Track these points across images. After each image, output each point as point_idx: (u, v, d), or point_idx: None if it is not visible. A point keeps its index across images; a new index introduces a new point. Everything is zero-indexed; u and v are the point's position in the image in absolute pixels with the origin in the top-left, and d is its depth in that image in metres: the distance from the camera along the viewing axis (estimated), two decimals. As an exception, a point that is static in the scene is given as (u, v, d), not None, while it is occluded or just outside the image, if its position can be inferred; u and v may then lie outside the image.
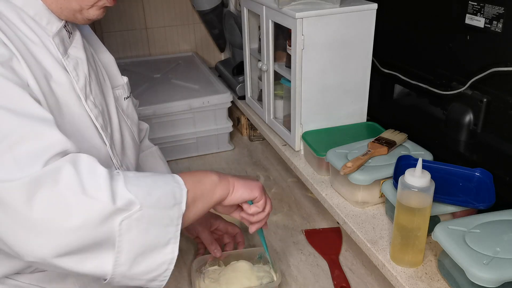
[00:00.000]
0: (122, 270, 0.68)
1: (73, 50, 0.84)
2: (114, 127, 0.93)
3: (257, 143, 1.74)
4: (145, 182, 0.70)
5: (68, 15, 0.81)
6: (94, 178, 0.65)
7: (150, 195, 0.68)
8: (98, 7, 0.83)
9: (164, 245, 0.70)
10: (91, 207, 0.63)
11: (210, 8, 1.81)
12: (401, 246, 0.86)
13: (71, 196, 0.62)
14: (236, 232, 1.11)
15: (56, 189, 0.62)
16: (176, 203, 0.71)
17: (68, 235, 0.62)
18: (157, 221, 0.69)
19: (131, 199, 0.66)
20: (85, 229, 0.63)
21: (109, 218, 0.64)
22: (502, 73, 0.93)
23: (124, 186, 0.66)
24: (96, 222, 0.63)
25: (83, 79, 0.83)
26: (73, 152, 0.67)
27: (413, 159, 1.02)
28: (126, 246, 0.66)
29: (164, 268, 0.71)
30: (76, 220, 0.62)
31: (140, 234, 0.67)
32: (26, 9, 0.77)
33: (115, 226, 0.64)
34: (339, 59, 1.19)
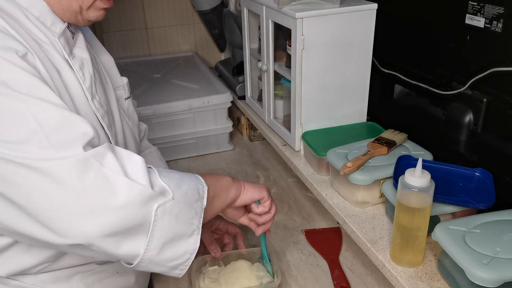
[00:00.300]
0: (151, 255, 0.72)
1: (77, 50, 0.85)
2: (117, 127, 0.94)
3: (257, 143, 1.74)
4: (174, 176, 0.75)
5: (70, 17, 0.82)
6: (133, 165, 0.69)
7: (179, 187, 0.74)
8: (96, 8, 0.84)
9: (189, 235, 0.75)
10: (134, 189, 0.67)
11: (210, 8, 1.81)
12: (401, 246, 0.86)
13: (116, 177, 0.66)
14: (236, 232, 1.11)
15: (102, 170, 0.66)
16: (199, 198, 0.77)
17: (114, 214, 0.66)
18: (185, 212, 0.74)
19: (165, 187, 0.71)
20: (129, 209, 0.66)
21: (148, 201, 0.68)
22: (502, 73, 0.93)
23: (158, 176, 0.72)
24: (138, 203, 0.67)
25: (89, 79, 0.84)
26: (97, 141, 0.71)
27: (413, 159, 1.02)
28: (158, 232, 0.71)
29: (187, 257, 0.77)
30: (121, 199, 0.66)
31: (171, 222, 0.72)
32: (32, 10, 0.78)
33: (152, 211, 0.69)
34: (339, 59, 1.19)
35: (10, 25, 0.72)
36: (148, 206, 0.69)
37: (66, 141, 0.65)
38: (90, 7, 0.82)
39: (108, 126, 0.87)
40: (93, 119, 0.83)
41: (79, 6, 0.81)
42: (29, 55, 0.70)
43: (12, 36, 0.70)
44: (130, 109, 1.03)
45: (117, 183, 0.66)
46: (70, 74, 0.80)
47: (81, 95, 0.81)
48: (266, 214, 0.95)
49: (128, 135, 0.98)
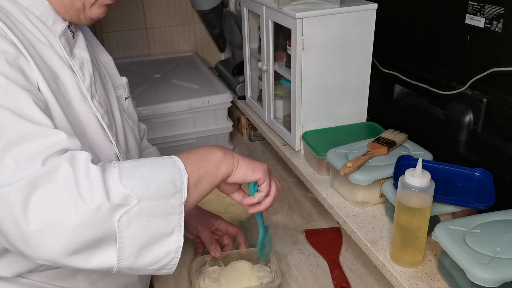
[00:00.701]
0: (127, 264, 0.68)
1: (77, 50, 0.85)
2: (118, 126, 0.93)
3: (257, 143, 1.74)
4: (143, 173, 0.69)
5: (73, 15, 0.82)
6: (88, 177, 0.64)
7: (148, 186, 0.67)
8: (99, 5, 0.83)
9: (169, 234, 0.69)
10: (87, 206, 0.62)
11: (210, 8, 1.81)
12: (401, 246, 0.86)
13: (67, 195, 0.62)
14: (236, 232, 1.11)
15: (52, 188, 0.62)
16: (177, 190, 0.70)
17: (69, 234, 0.62)
18: (158, 212, 0.68)
19: (126, 194, 0.65)
20: (83, 228, 0.62)
21: (106, 215, 0.64)
22: (502, 73, 0.93)
23: (119, 181, 0.66)
24: (93, 220, 0.63)
25: (89, 79, 0.84)
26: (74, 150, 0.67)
27: (413, 159, 1.02)
28: (128, 241, 0.66)
29: (170, 257, 0.71)
30: (73, 219, 0.62)
31: (141, 227, 0.66)
32: (32, 9, 0.77)
33: (113, 222, 0.64)
34: (339, 59, 1.19)
35: (8, 26, 0.71)
36: (108, 219, 0.64)
37: (22, 157, 0.62)
38: (93, 4, 0.82)
39: (108, 125, 0.87)
40: (93, 118, 0.83)
41: (82, 4, 0.81)
42: (21, 59, 0.69)
43: (6, 38, 0.69)
44: (130, 109, 1.03)
45: (68, 202, 0.62)
46: (69, 74, 0.79)
47: (80, 96, 0.81)
48: (266, 198, 0.87)
49: (129, 134, 0.98)
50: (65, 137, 0.67)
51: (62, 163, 0.63)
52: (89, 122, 0.82)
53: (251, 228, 1.26)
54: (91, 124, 0.82)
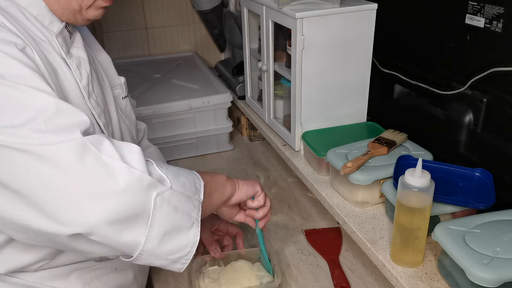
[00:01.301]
0: (152, 246, 0.71)
1: (75, 49, 0.85)
2: (114, 126, 0.94)
3: (257, 143, 1.74)
4: (171, 168, 0.76)
5: (69, 16, 0.82)
6: (131, 152, 0.69)
7: (177, 178, 0.74)
8: (96, 7, 0.84)
9: (189, 227, 0.74)
10: (132, 174, 0.67)
11: (210, 8, 1.81)
12: (401, 246, 0.86)
13: (114, 163, 0.66)
14: (236, 232, 1.11)
15: (100, 156, 0.65)
16: (196, 191, 0.77)
17: (115, 199, 0.65)
18: (183, 203, 0.74)
19: (163, 176, 0.71)
20: (129, 194, 0.66)
21: (147, 188, 0.68)
22: (502, 73, 0.93)
23: (155, 165, 0.72)
24: (137, 188, 0.67)
25: (86, 78, 0.84)
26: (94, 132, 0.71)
27: (413, 159, 1.02)
28: (158, 222, 0.70)
29: (187, 250, 0.75)
30: (121, 183, 0.65)
31: (170, 212, 0.71)
32: (30, 9, 0.78)
33: (151, 198, 0.68)
34: (339, 59, 1.19)
35: (9, 22, 0.72)
36: (147, 193, 0.68)
37: (64, 127, 0.65)
38: (90, 6, 0.83)
39: (105, 124, 0.87)
40: (90, 117, 0.83)
41: (79, 5, 0.81)
42: (27, 49, 0.71)
43: (12, 31, 0.71)
44: (127, 108, 1.03)
45: (115, 168, 0.66)
46: (67, 73, 0.80)
47: (78, 94, 0.82)
48: (263, 207, 0.96)
49: (125, 134, 0.99)
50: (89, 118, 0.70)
51: (104, 138, 0.68)
52: None
53: (251, 229, 1.26)
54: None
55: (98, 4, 0.83)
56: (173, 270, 0.78)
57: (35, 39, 0.76)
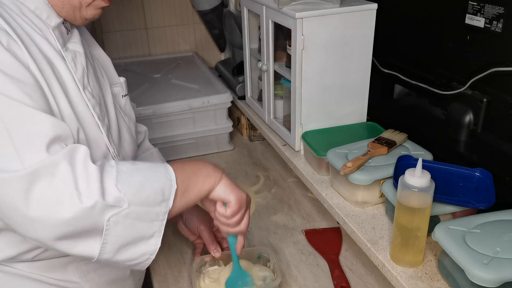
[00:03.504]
0: (107, 257, 0.73)
1: (71, 44, 0.87)
2: (112, 120, 0.94)
3: (257, 143, 1.74)
4: (137, 179, 0.74)
5: (68, 12, 0.83)
6: (86, 175, 0.68)
7: (139, 193, 0.72)
8: (95, 7, 0.85)
9: (149, 237, 0.75)
10: (82, 204, 0.67)
11: (210, 8, 1.81)
12: (401, 246, 0.86)
13: (65, 190, 0.67)
14: None
15: (52, 182, 0.66)
16: (164, 199, 0.75)
17: (61, 226, 0.67)
18: (143, 217, 0.73)
19: (120, 197, 0.70)
20: (76, 221, 0.67)
21: (98, 213, 0.68)
22: (502, 73, 0.93)
23: (115, 184, 0.70)
24: (85, 216, 0.68)
25: (81, 70, 0.85)
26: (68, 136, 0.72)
27: (413, 159, 1.02)
28: (112, 238, 0.71)
29: (146, 257, 0.77)
30: (67, 213, 0.66)
31: (126, 228, 0.72)
32: (27, 3, 0.79)
33: (103, 220, 0.69)
34: (339, 59, 1.19)
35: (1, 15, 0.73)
36: (98, 217, 0.69)
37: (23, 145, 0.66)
38: (89, 5, 0.84)
39: (100, 116, 0.88)
40: (85, 108, 0.84)
41: (79, 2, 0.83)
42: (12, 44, 0.71)
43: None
44: (127, 107, 1.04)
45: (65, 196, 0.66)
46: (62, 65, 0.81)
47: (73, 85, 0.83)
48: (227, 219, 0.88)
49: (123, 128, 0.99)
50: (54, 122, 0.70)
51: (62, 160, 0.67)
52: (81, 110, 0.84)
53: (251, 228, 1.26)
54: (83, 113, 0.84)
55: (97, 3, 0.85)
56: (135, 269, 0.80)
57: (29, 33, 0.77)
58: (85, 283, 0.90)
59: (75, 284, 0.89)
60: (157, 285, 1.09)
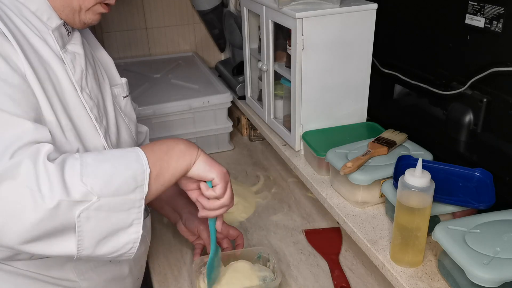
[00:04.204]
0: (87, 253, 0.71)
1: (71, 46, 0.87)
2: (110, 121, 0.94)
3: (257, 143, 1.74)
4: (104, 171, 0.70)
5: (68, 15, 0.84)
6: (47, 174, 0.66)
7: (108, 184, 0.69)
8: (94, 12, 0.86)
9: (127, 227, 0.72)
10: (46, 205, 0.64)
11: (210, 8, 1.81)
12: (401, 246, 0.86)
13: (28, 193, 0.64)
14: (237, 235, 1.11)
15: (13, 185, 0.64)
16: (137, 186, 0.72)
17: (28, 230, 0.64)
18: (118, 207, 0.71)
19: (86, 191, 0.67)
20: (42, 223, 0.65)
21: (66, 211, 0.66)
22: (502, 73, 0.93)
23: (79, 178, 0.67)
24: (52, 217, 0.65)
25: (79, 72, 0.85)
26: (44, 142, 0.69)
27: (413, 159, 1.02)
28: (87, 234, 0.69)
29: (129, 247, 0.74)
30: (32, 216, 0.64)
31: (101, 222, 0.69)
32: (28, 4, 0.80)
33: (73, 217, 0.67)
34: (339, 59, 1.19)
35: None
36: (67, 215, 0.66)
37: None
38: (89, 9, 0.84)
39: (97, 118, 0.88)
40: (83, 110, 0.84)
41: (79, 5, 0.83)
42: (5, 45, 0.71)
43: None
44: (127, 108, 1.04)
45: (28, 199, 0.64)
46: (60, 67, 0.81)
47: (70, 87, 0.82)
48: (214, 200, 0.86)
49: (122, 130, 0.99)
50: (31, 128, 0.68)
51: (24, 160, 0.65)
52: (77, 112, 0.83)
53: (251, 229, 1.26)
54: (80, 115, 0.84)
55: (96, 8, 0.85)
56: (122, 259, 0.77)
57: (26, 33, 0.77)
58: (83, 281, 0.90)
59: (72, 282, 0.89)
60: (157, 285, 1.09)
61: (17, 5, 0.78)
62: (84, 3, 0.83)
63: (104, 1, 0.86)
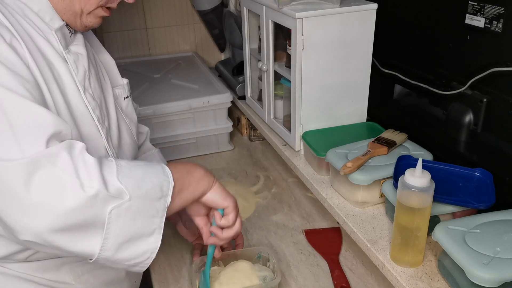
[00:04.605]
0: (108, 255, 0.71)
1: (74, 46, 0.87)
2: (112, 122, 0.95)
3: (257, 143, 1.74)
4: (136, 173, 0.73)
5: (70, 17, 0.84)
6: (87, 166, 0.68)
7: (139, 187, 0.72)
8: (95, 15, 0.86)
9: (149, 234, 0.74)
10: (85, 193, 0.66)
11: (210, 8, 1.81)
12: (401, 246, 0.86)
13: (67, 179, 0.65)
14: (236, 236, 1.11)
15: (53, 171, 0.65)
16: (162, 196, 0.76)
17: (62, 216, 0.65)
18: (144, 212, 0.73)
19: (121, 189, 0.70)
20: (78, 211, 0.66)
21: (101, 204, 0.68)
22: (502, 73, 0.93)
23: (116, 176, 0.70)
24: (88, 206, 0.66)
25: (82, 72, 0.86)
26: (66, 134, 0.71)
27: (413, 159, 1.02)
28: (114, 232, 0.70)
29: (147, 256, 0.76)
30: (70, 202, 0.65)
31: (128, 222, 0.71)
32: (31, 4, 0.80)
33: (105, 212, 0.68)
34: (339, 59, 1.19)
35: (3, 14, 0.73)
36: (101, 208, 0.68)
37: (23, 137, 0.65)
38: (90, 13, 0.85)
39: (100, 118, 0.88)
40: (85, 110, 0.85)
41: (80, 9, 0.83)
42: (14, 41, 0.72)
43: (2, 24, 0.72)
44: (129, 109, 1.04)
45: (67, 185, 0.65)
46: (63, 67, 0.81)
47: (73, 87, 0.83)
48: (228, 230, 0.92)
49: (123, 131, 0.99)
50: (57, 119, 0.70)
51: (61, 151, 0.67)
52: (80, 112, 0.84)
53: (251, 229, 1.26)
54: (82, 115, 0.84)
55: (98, 12, 0.85)
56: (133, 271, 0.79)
57: (30, 34, 0.77)
58: (79, 284, 0.89)
59: (69, 285, 0.89)
60: (157, 285, 1.09)
61: (20, 5, 0.79)
62: (86, 7, 0.83)
63: (105, 5, 0.86)
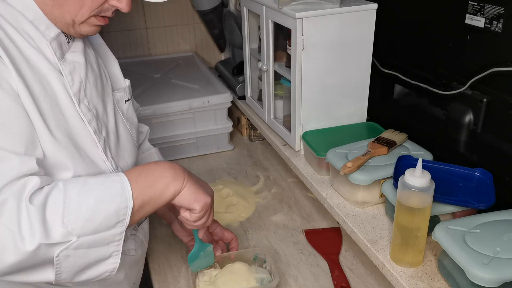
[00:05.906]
0: (65, 281, 0.74)
1: (71, 55, 0.85)
2: (110, 130, 0.93)
3: (257, 143, 1.74)
4: (87, 207, 0.71)
5: (63, 27, 0.82)
6: (30, 216, 0.67)
7: (90, 222, 0.71)
8: (89, 24, 0.83)
9: (106, 258, 0.75)
10: (26, 248, 0.66)
11: (210, 8, 1.81)
12: (401, 246, 0.86)
13: (8, 236, 0.65)
14: (231, 238, 1.10)
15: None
16: (119, 220, 0.74)
17: (7, 267, 0.67)
18: (97, 243, 0.73)
19: (66, 233, 0.69)
20: (21, 263, 0.67)
21: (44, 253, 0.68)
22: (502, 73, 0.93)
23: (61, 219, 0.69)
24: (30, 258, 0.67)
25: (78, 83, 0.84)
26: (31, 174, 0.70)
27: (413, 159, 1.02)
28: (65, 269, 0.71)
29: (106, 274, 0.77)
30: (11, 257, 0.66)
31: (79, 258, 0.72)
32: (25, 13, 0.78)
33: (51, 257, 0.69)
34: (339, 59, 1.19)
35: None
36: (45, 256, 0.68)
37: None
38: (83, 22, 0.82)
39: (96, 130, 0.86)
40: (79, 123, 0.83)
41: (71, 20, 0.80)
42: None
43: None
44: (129, 112, 1.03)
45: (8, 242, 0.65)
46: (57, 80, 0.80)
47: (68, 101, 0.81)
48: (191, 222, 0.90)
49: (123, 137, 0.97)
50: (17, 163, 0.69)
51: (9, 199, 0.66)
52: (75, 125, 0.83)
53: (251, 229, 1.26)
54: (78, 128, 0.83)
55: (91, 21, 0.82)
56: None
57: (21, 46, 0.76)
58: (77, 286, 0.89)
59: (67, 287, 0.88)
60: (157, 285, 1.09)
61: (15, 13, 0.77)
62: (77, 17, 0.80)
63: (99, 14, 0.82)
